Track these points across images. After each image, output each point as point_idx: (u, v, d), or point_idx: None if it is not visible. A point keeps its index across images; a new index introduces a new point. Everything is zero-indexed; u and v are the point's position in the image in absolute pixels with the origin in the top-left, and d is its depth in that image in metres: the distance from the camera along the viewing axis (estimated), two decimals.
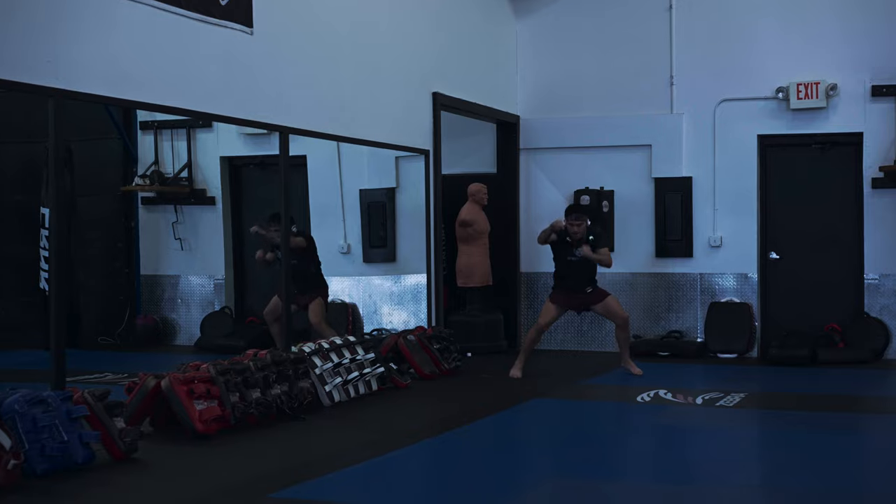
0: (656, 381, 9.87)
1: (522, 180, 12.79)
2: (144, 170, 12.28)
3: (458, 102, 11.47)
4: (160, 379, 7.09)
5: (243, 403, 7.43)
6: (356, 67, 9.86)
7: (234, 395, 7.39)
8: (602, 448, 7.36)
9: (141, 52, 7.49)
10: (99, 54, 7.16)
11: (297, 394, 8.02)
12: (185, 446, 6.97)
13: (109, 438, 6.39)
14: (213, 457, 6.74)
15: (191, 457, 6.76)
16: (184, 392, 6.98)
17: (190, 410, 6.98)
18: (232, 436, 7.24)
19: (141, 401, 7.11)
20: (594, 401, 9.31)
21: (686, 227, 12.02)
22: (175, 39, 7.76)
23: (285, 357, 8.07)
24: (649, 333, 12.14)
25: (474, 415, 8.37)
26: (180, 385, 6.99)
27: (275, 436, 7.40)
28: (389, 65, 10.39)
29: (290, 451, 7.00)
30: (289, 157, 9.04)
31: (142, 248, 12.65)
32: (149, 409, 7.22)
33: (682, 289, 12.10)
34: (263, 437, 7.34)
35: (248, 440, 7.20)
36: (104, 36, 7.22)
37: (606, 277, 12.10)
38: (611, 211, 12.28)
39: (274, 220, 9.96)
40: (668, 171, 12.10)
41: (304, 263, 10.56)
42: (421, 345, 10.16)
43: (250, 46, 8.45)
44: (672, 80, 12.10)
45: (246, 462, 6.67)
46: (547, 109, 12.65)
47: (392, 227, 12.07)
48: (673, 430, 7.98)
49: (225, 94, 8.22)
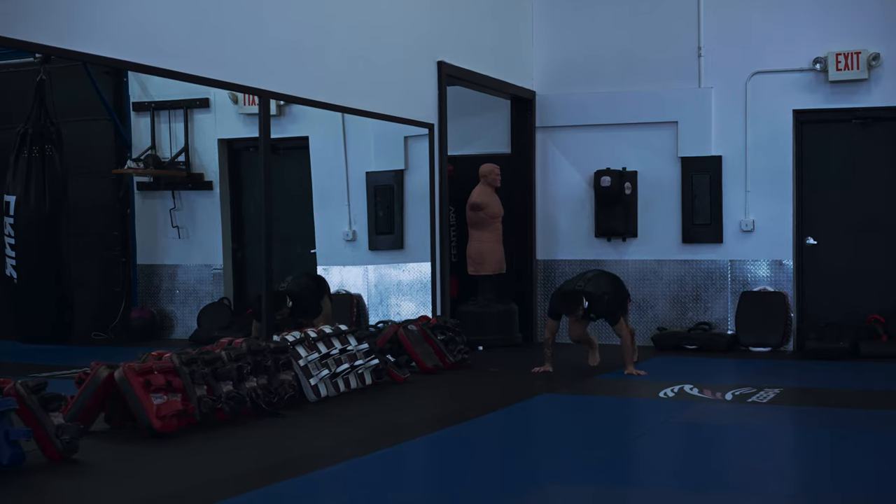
0: (682, 376, 9.13)
1: (538, 161, 12.22)
2: (140, 153, 11.79)
3: (467, 74, 10.84)
4: (114, 369, 6.29)
5: (211, 397, 6.64)
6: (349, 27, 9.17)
7: (200, 389, 6.62)
8: (617, 449, 6.53)
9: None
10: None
11: (277, 387, 7.24)
12: (137, 446, 6.18)
13: (44, 436, 5.61)
14: (166, 458, 5.96)
15: (140, 458, 5.98)
16: (139, 384, 6.19)
17: (146, 405, 6.19)
18: (195, 434, 6.47)
19: (92, 394, 6.32)
20: (611, 396, 8.49)
21: (715, 211, 11.45)
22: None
23: (264, 346, 7.28)
24: (676, 325, 11.57)
25: (475, 411, 7.62)
26: (135, 376, 6.19)
27: (245, 434, 6.63)
28: (389, 28, 9.73)
29: (258, 452, 6.22)
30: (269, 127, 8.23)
31: (138, 236, 12.18)
32: (101, 403, 6.43)
33: (712, 277, 11.54)
34: (232, 435, 6.57)
35: (212, 439, 6.43)
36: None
37: (629, 266, 11.55)
38: (634, 193, 11.73)
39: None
40: (696, 149, 11.52)
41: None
42: (423, 336, 9.45)
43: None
44: (700, 51, 11.52)
45: (203, 464, 5.89)
46: (565, 84, 12.07)
47: (400, 213, 11.58)
48: (698, 428, 7.16)
49: (191, 49, 7.44)
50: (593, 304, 9.37)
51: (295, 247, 11.90)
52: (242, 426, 6.78)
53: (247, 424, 6.83)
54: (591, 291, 9.36)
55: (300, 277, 10.81)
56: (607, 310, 9.45)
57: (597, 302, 9.37)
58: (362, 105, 9.39)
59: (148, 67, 7.26)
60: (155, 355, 6.64)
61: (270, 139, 8.25)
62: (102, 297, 11.93)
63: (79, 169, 11.46)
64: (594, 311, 9.43)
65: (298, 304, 9.87)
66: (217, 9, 7.71)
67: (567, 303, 9.35)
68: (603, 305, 9.40)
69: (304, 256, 11.80)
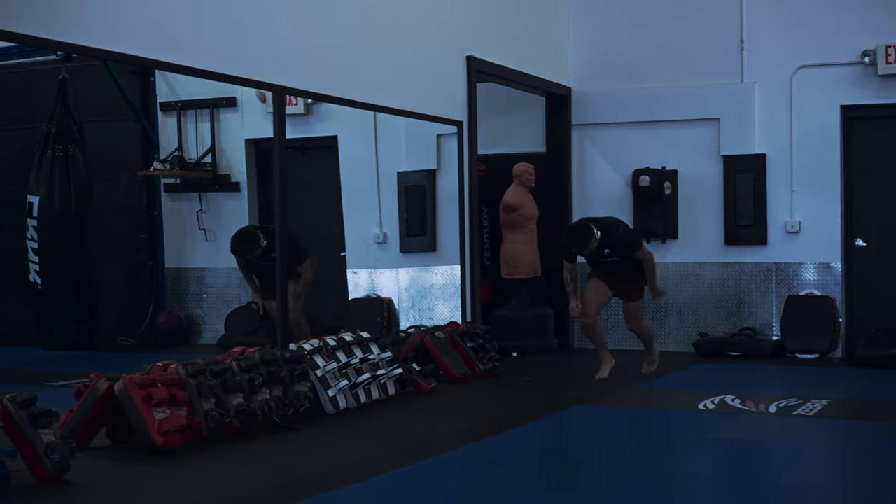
0: (723, 386, 8.71)
1: (575, 160, 11.91)
2: (167, 154, 11.65)
3: (499, 70, 10.51)
4: (114, 381, 5.96)
5: (219, 411, 6.29)
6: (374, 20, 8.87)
7: (207, 402, 6.27)
8: (653, 468, 6.12)
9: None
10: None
11: (292, 399, 6.88)
12: (137, 464, 5.84)
13: (33, 455, 5.27)
14: (167, 477, 5.62)
15: (139, 477, 5.63)
16: (140, 398, 5.85)
17: (147, 420, 5.85)
18: (201, 451, 6.12)
19: (91, 408, 5.99)
20: (647, 409, 8.10)
21: (759, 211, 11.13)
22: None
23: (278, 356, 6.93)
24: (718, 331, 11.23)
25: (505, 424, 7.24)
26: (136, 389, 5.85)
27: (255, 450, 6.28)
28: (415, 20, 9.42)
29: (269, 470, 5.86)
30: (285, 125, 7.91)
31: (165, 239, 12.02)
32: (102, 417, 6.10)
33: (756, 280, 11.19)
34: (241, 452, 6.22)
35: (219, 456, 6.08)
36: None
37: (669, 269, 11.23)
38: (674, 193, 11.42)
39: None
40: (739, 147, 11.20)
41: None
42: (452, 343, 9.08)
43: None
44: (743, 45, 11.19)
45: (207, 483, 5.55)
46: (602, 80, 11.77)
47: (432, 214, 11.32)
48: (740, 445, 6.73)
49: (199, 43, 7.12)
50: (607, 235, 8.62)
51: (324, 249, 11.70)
52: (253, 442, 6.44)
53: (258, 440, 6.49)
54: (602, 218, 8.81)
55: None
56: (625, 237, 8.80)
57: (611, 230, 8.67)
58: (387, 102, 9.09)
59: (167, 64, 7.06)
60: (160, 366, 6.30)
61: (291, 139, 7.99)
62: (129, 302, 11.78)
63: (105, 170, 11.31)
64: (610, 242, 8.65)
65: (272, 248, 9.28)
66: (235, 2, 7.44)
67: (577, 235, 8.64)
68: (619, 233, 8.75)
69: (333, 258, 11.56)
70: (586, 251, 8.66)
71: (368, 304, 11.18)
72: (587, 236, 8.54)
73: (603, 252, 8.71)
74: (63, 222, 10.82)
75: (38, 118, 10.90)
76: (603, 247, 8.63)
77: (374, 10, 8.89)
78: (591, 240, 8.52)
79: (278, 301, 7.94)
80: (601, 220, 8.78)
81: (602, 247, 8.62)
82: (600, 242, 8.57)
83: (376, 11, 8.91)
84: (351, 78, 8.58)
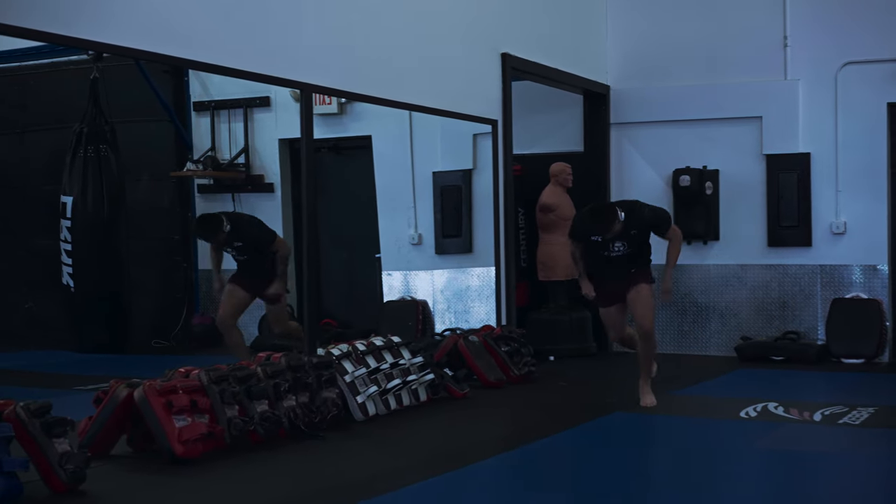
0: (766, 392, 8.46)
1: (613, 159, 11.73)
2: (200, 154, 11.59)
3: (535, 67, 10.31)
4: (134, 388, 5.81)
5: (243, 418, 6.12)
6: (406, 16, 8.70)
7: (231, 409, 6.10)
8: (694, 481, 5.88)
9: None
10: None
11: (319, 406, 6.71)
12: (156, 474, 5.69)
13: (47, 465, 5.12)
14: (186, 487, 5.46)
15: (157, 487, 5.48)
16: (160, 405, 5.69)
17: (167, 428, 5.69)
18: (224, 460, 5.96)
19: (110, 415, 5.84)
20: (687, 416, 7.82)
21: (803, 212, 10.90)
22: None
23: (305, 361, 6.75)
24: (761, 334, 10.99)
25: (539, 432, 7.03)
26: (156, 396, 5.69)
27: (280, 459, 6.11)
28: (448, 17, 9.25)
29: (293, 480, 5.70)
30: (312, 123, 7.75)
31: (199, 241, 11.84)
32: (122, 425, 5.95)
33: (800, 283, 10.96)
34: (265, 461, 6.05)
35: (242, 465, 5.92)
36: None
37: (711, 271, 11.02)
38: (715, 193, 11.20)
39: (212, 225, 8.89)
40: (782, 146, 10.98)
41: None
42: (486, 347, 8.90)
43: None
44: (786, 41, 10.96)
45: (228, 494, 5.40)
46: (641, 78, 11.58)
47: (468, 214, 11.18)
48: (784, 456, 6.47)
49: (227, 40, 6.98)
50: (632, 215, 7.66)
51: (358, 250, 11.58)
52: (278, 450, 6.27)
53: (283, 448, 6.32)
54: (622, 201, 8.04)
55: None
56: (654, 214, 7.85)
57: (636, 210, 7.73)
58: (420, 100, 8.93)
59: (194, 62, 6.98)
60: (182, 372, 6.15)
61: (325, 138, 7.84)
62: (163, 304, 11.73)
63: (138, 171, 11.26)
64: (636, 223, 7.68)
65: (238, 232, 9.02)
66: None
67: (600, 215, 7.65)
68: (646, 212, 7.81)
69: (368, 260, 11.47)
70: (609, 233, 7.64)
71: (403, 306, 11.07)
72: (612, 217, 7.59)
73: (629, 236, 7.72)
74: (96, 224, 10.78)
75: (70, 118, 10.85)
76: (629, 228, 7.68)
77: (407, 7, 8.74)
78: (615, 221, 7.58)
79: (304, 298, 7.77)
80: (622, 202, 8.00)
81: (628, 228, 7.67)
82: (625, 224, 7.65)
83: (409, 7, 8.75)
84: (383, 76, 8.43)
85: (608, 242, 7.73)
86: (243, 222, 9.32)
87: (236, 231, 8.91)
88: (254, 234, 9.08)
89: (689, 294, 11.20)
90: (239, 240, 8.92)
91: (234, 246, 8.99)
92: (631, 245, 7.77)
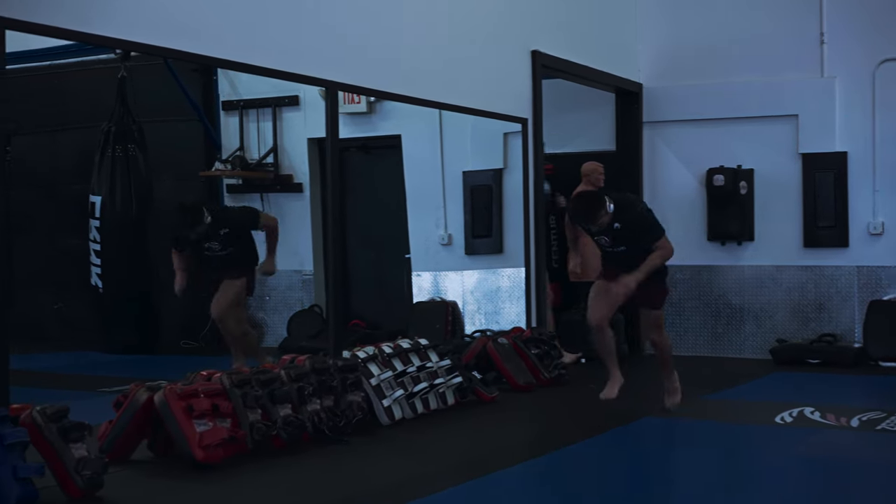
0: (802, 396, 8.28)
1: (646, 159, 11.61)
2: (229, 154, 11.55)
3: (565, 65, 10.19)
4: (155, 391, 5.72)
5: (265, 423, 6.02)
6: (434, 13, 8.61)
7: (254, 413, 6.00)
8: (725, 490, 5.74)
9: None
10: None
11: (344, 410, 6.60)
12: (176, 479, 5.59)
13: (63, 471, 5.03)
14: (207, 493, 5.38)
15: (177, 493, 5.39)
16: (181, 409, 5.60)
17: (187, 432, 5.59)
18: (246, 465, 5.86)
19: (130, 419, 5.75)
20: (720, 421, 7.67)
21: (840, 212, 10.76)
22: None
23: (330, 364, 6.64)
24: (797, 337, 10.82)
25: (568, 437, 6.89)
26: (177, 400, 5.60)
27: (303, 465, 6.01)
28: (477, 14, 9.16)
29: (316, 486, 5.60)
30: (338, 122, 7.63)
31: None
32: (143, 429, 5.86)
33: (837, 284, 10.80)
34: (287, 466, 5.95)
35: (264, 471, 5.81)
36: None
37: (745, 272, 10.84)
38: (750, 193, 11.05)
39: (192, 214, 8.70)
40: (819, 145, 10.84)
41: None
42: (516, 349, 8.76)
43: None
44: (822, 38, 10.83)
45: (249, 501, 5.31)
46: (675, 75, 11.46)
47: (499, 214, 11.10)
48: (821, 464, 6.32)
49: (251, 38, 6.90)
50: (622, 210, 7.13)
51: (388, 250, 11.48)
52: (301, 455, 6.16)
53: (307, 453, 6.21)
54: (620, 194, 7.50)
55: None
56: (643, 218, 7.27)
57: (628, 206, 7.22)
58: (448, 98, 8.82)
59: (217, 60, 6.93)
60: (204, 375, 6.06)
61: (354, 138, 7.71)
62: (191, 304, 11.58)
63: (166, 170, 11.21)
64: (624, 219, 7.10)
65: (222, 220, 8.74)
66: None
67: (584, 203, 7.20)
68: (638, 212, 7.28)
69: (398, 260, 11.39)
70: (594, 224, 7.11)
71: (433, 307, 10.98)
72: (597, 206, 7.05)
73: (613, 230, 7.17)
74: (125, 224, 10.74)
75: (100, 117, 10.81)
76: (617, 222, 7.12)
77: (437, 4, 8.65)
78: (600, 211, 7.01)
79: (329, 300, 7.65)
80: (618, 194, 7.52)
81: (615, 222, 7.12)
82: (614, 216, 7.09)
83: (438, 4, 8.67)
84: (411, 74, 8.33)
85: (599, 236, 7.26)
86: (226, 209, 9.26)
87: (220, 220, 8.64)
88: (239, 217, 8.95)
89: (723, 295, 11.05)
90: (225, 226, 8.63)
91: (220, 235, 8.65)
92: (620, 242, 7.22)
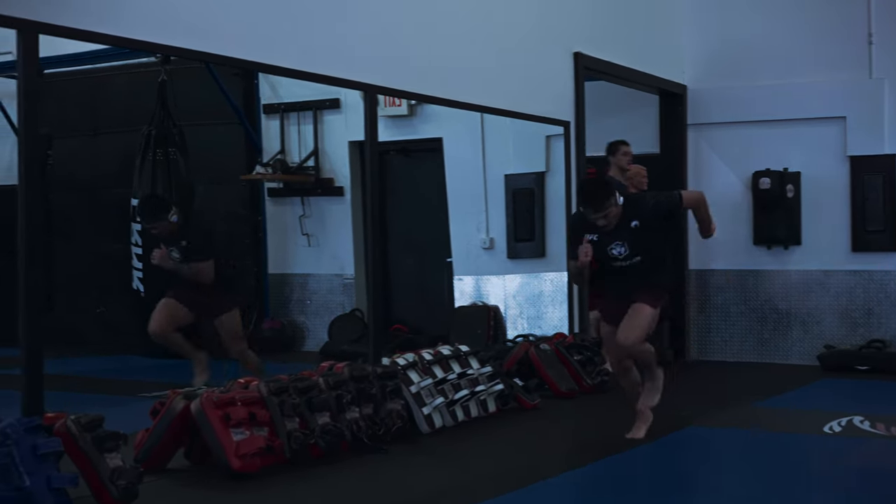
0: (851, 405, 8.11)
1: (690, 161, 11.40)
2: (270, 157, 11.54)
3: (608, 67, 10.03)
4: (192, 400, 5.66)
5: (303, 431, 5.95)
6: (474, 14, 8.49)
7: (291, 421, 5.93)
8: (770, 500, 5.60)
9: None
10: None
11: (384, 418, 6.51)
12: (212, 489, 5.52)
13: (98, 481, 4.97)
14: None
15: None
16: (217, 418, 5.53)
17: (224, 441, 5.53)
18: (283, 474, 5.78)
19: (167, 428, 5.69)
20: (767, 431, 7.50)
21: (890, 215, 10.52)
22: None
23: (368, 372, 6.56)
24: (845, 343, 10.59)
25: (611, 447, 6.73)
26: (213, 409, 5.53)
27: (341, 474, 5.92)
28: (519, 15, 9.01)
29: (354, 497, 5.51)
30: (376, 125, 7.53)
31: (269, 244, 11.91)
32: (179, 437, 5.80)
33: (886, 289, 10.57)
34: (325, 476, 5.86)
35: (302, 480, 5.74)
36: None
37: (792, 276, 10.68)
38: (797, 196, 10.84)
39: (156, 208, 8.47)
40: (867, 147, 10.59)
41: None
42: (558, 355, 8.63)
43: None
44: (871, 38, 10.58)
45: None
46: (719, 77, 11.22)
47: (541, 218, 10.96)
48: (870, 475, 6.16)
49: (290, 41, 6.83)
50: (635, 205, 6.66)
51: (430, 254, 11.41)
52: (339, 465, 6.08)
53: (345, 462, 6.12)
54: (629, 193, 7.08)
55: None
56: (658, 201, 6.73)
57: (640, 200, 6.80)
58: (489, 101, 8.70)
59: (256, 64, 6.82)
60: (241, 383, 6.00)
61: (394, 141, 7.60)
62: None
63: (207, 174, 11.16)
64: (638, 212, 6.60)
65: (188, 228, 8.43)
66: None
67: (591, 187, 6.77)
68: (652, 201, 6.75)
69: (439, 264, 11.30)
70: (601, 214, 6.47)
71: (474, 312, 10.85)
72: (605, 191, 6.53)
73: (630, 230, 6.60)
74: None
75: (141, 121, 10.81)
76: (629, 218, 6.57)
77: (477, 6, 8.53)
78: (609, 198, 6.47)
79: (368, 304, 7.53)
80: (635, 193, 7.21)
81: (628, 218, 6.57)
82: (624, 210, 6.56)
83: (479, 6, 8.55)
84: (451, 76, 8.21)
85: (608, 242, 6.63)
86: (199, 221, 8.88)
87: (185, 228, 8.26)
88: (201, 239, 8.41)
89: (769, 301, 10.85)
90: (186, 238, 8.24)
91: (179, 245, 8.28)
92: (634, 247, 6.64)
